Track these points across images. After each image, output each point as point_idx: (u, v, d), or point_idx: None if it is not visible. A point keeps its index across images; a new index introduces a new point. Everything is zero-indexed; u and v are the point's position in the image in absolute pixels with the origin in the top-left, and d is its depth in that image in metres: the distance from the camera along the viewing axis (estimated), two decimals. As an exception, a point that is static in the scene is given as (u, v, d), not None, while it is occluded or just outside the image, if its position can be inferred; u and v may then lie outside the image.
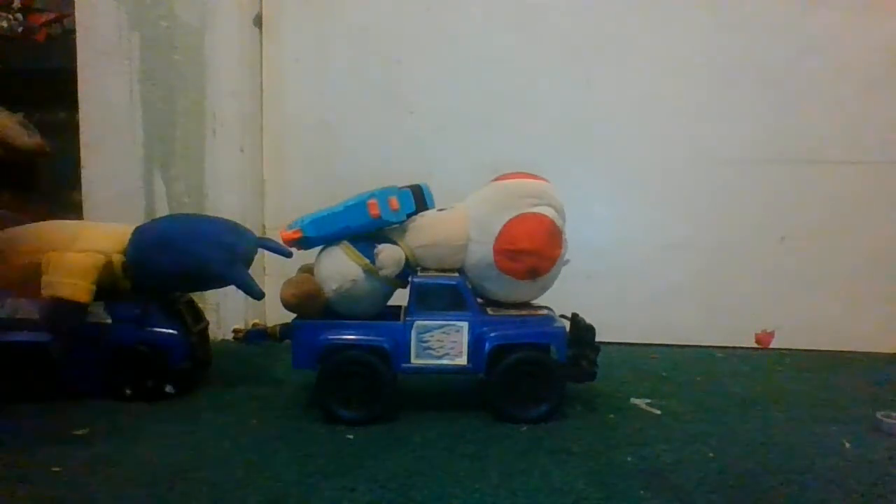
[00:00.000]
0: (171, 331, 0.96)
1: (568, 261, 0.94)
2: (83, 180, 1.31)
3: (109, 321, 0.95)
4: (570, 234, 0.94)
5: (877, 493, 0.70)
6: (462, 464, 0.75)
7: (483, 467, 0.74)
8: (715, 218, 1.34)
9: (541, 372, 0.88)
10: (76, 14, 1.30)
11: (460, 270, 0.93)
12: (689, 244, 1.35)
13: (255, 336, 0.97)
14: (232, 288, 0.98)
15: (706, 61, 1.32)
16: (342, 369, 0.87)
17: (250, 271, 0.97)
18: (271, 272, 1.37)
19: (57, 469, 0.72)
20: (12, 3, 1.57)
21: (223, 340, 1.29)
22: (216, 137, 1.31)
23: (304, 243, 0.92)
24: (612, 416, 0.92)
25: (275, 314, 1.26)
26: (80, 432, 0.83)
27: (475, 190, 0.97)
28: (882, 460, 0.79)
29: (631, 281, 1.36)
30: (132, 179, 1.30)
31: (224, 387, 1.02)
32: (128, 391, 0.94)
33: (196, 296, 1.10)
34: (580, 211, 1.01)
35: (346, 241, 0.91)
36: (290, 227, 0.92)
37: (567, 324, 0.94)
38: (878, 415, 0.89)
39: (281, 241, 0.94)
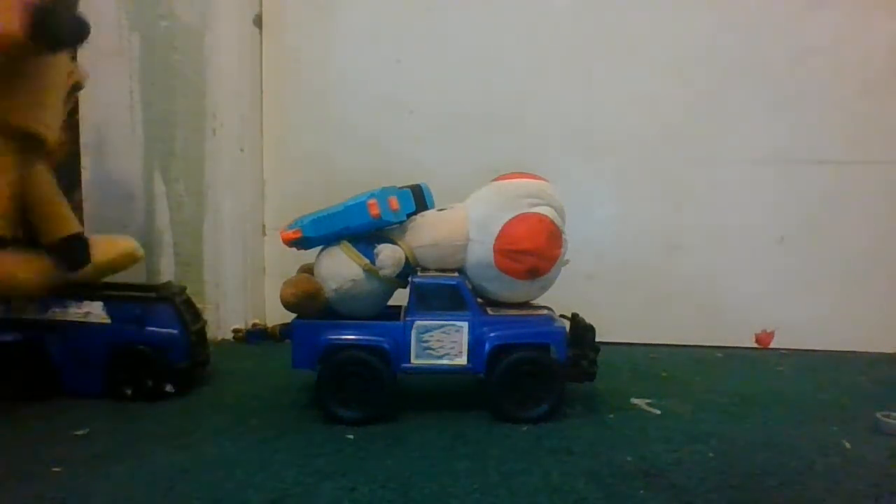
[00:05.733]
0: (170, 330, 0.96)
1: (568, 261, 0.94)
2: (83, 181, 1.30)
3: (109, 321, 0.95)
4: (570, 234, 0.93)
5: (877, 493, 0.70)
6: (462, 464, 0.75)
7: (483, 467, 0.74)
8: (715, 218, 1.34)
9: (541, 372, 0.88)
10: (76, 14, 1.30)
11: (460, 270, 0.93)
12: (689, 244, 1.35)
13: (255, 336, 0.97)
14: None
15: (706, 61, 1.32)
16: (342, 369, 0.87)
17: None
18: (271, 272, 1.37)
19: (57, 469, 0.72)
20: (12, 3, 1.57)
21: (223, 340, 1.29)
22: (216, 137, 1.31)
23: (304, 243, 0.92)
24: (612, 416, 0.92)
25: (275, 314, 1.26)
26: (80, 432, 0.83)
27: (475, 190, 0.97)
28: (882, 460, 0.79)
29: (631, 281, 1.36)
30: (132, 179, 1.30)
31: (224, 387, 1.02)
32: (128, 391, 0.94)
33: (196, 296, 1.10)
34: (580, 211, 1.01)
35: (346, 241, 0.91)
36: (289, 227, 0.92)
37: (567, 324, 0.94)
38: (878, 415, 0.89)
39: (281, 241, 0.94)
